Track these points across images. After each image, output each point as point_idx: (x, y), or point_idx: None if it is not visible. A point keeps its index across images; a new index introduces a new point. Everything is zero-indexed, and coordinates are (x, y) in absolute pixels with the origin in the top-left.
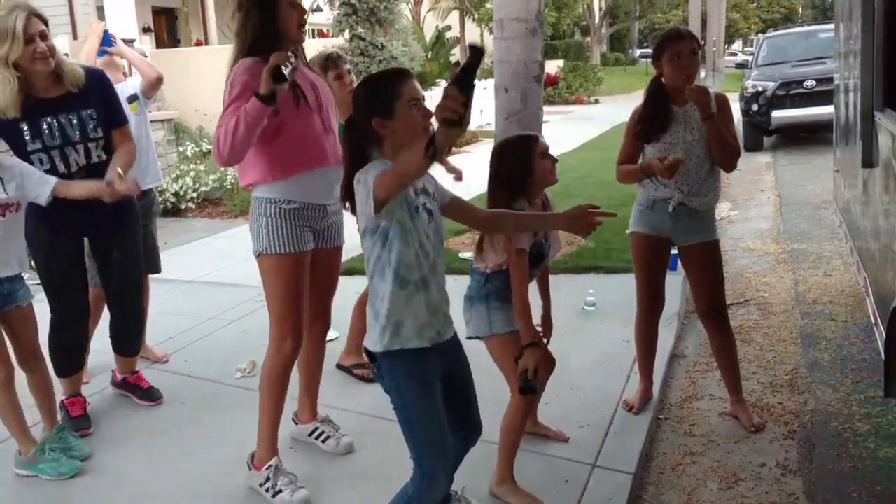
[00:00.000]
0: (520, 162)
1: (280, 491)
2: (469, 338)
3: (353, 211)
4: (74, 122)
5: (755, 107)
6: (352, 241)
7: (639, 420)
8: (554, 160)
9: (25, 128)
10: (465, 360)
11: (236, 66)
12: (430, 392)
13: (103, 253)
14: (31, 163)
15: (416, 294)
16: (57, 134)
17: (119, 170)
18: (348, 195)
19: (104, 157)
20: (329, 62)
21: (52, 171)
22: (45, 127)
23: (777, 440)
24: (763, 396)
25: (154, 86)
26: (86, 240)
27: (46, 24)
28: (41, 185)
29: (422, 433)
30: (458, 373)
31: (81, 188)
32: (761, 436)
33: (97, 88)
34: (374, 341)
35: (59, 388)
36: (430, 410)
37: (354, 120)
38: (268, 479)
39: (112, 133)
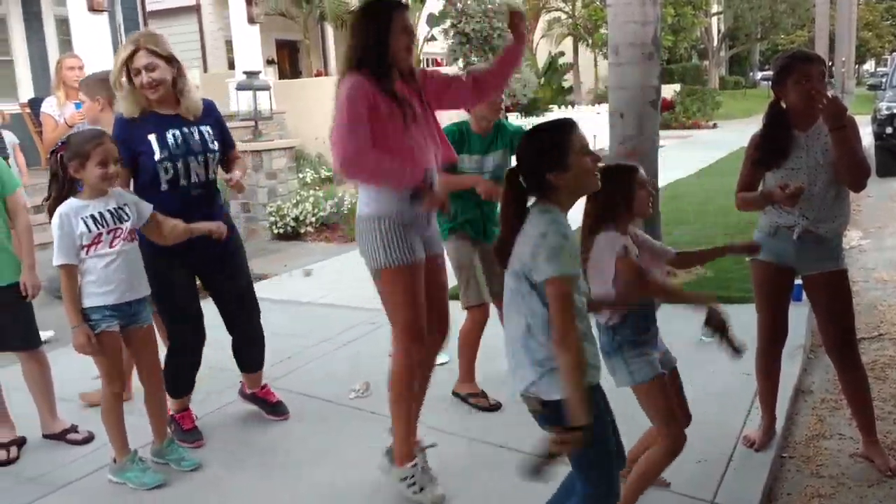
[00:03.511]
0: (619, 190)
1: (422, 488)
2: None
3: (504, 262)
4: (196, 134)
5: (889, 130)
6: None
7: (761, 457)
8: (650, 192)
9: (153, 139)
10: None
11: (349, 80)
12: (606, 424)
13: (214, 287)
14: (157, 173)
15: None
16: (180, 143)
17: (238, 171)
18: (505, 252)
19: (216, 175)
20: None
21: (174, 181)
22: (170, 136)
23: None
24: None
25: None
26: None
27: (163, 56)
28: (143, 212)
29: (603, 460)
30: (604, 399)
31: (174, 227)
32: None
33: (210, 113)
34: (555, 389)
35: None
36: (609, 438)
37: (521, 173)
38: (412, 475)
39: (227, 155)
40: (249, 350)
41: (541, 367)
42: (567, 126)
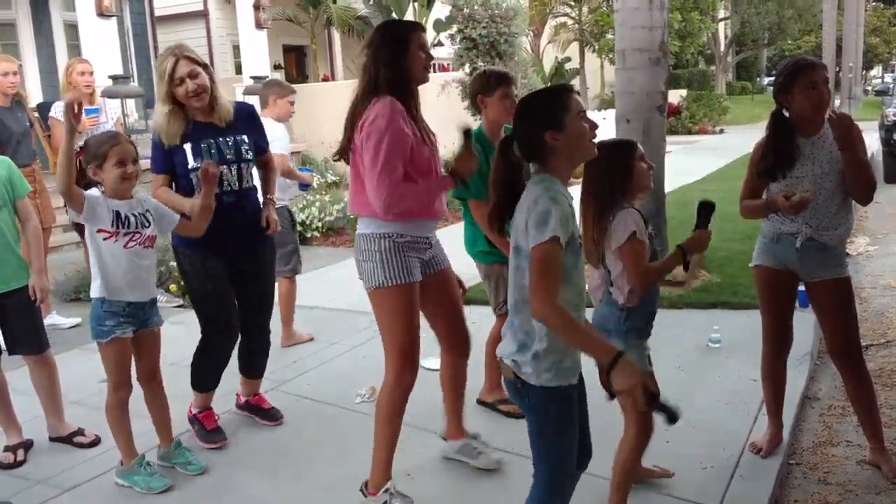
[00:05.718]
0: (617, 165)
1: None
2: None
3: (500, 229)
4: (230, 143)
5: None
6: (469, 270)
7: (767, 464)
8: (650, 164)
9: (188, 148)
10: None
11: (376, 108)
12: (574, 421)
13: (239, 287)
14: (190, 181)
15: None
16: (214, 153)
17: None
18: (497, 216)
19: (252, 182)
20: (502, 79)
21: None
22: (204, 146)
23: None
24: None
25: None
26: None
27: (200, 63)
28: (169, 220)
29: (559, 457)
30: (583, 394)
31: (194, 201)
32: None
33: (246, 120)
34: (529, 374)
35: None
36: (570, 439)
37: (518, 136)
38: (385, 502)
39: (260, 158)
40: (259, 356)
41: (521, 349)
42: (564, 89)
